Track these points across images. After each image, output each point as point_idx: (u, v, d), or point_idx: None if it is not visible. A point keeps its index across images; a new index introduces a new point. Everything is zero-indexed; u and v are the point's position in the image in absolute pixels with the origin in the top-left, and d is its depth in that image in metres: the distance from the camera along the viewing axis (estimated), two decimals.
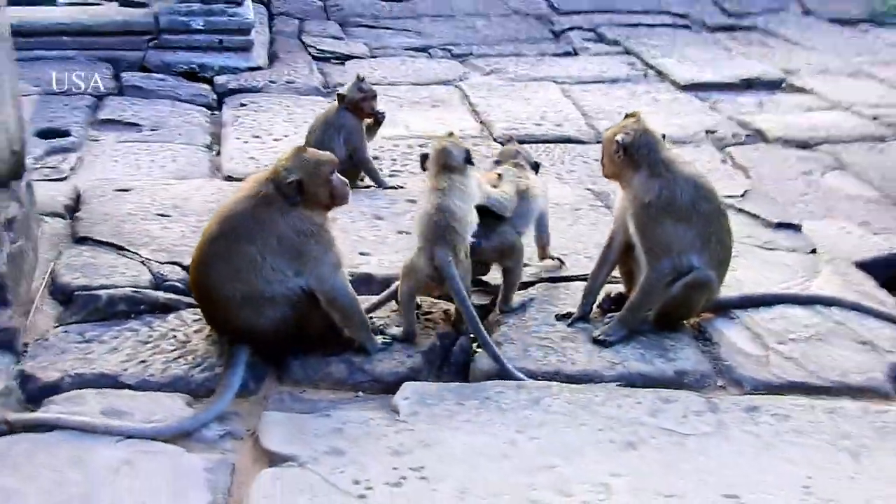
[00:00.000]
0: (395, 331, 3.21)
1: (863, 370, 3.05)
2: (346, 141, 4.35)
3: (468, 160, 3.24)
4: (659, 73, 7.03)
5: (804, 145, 5.49)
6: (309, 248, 2.96)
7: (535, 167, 3.63)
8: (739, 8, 9.16)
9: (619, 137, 3.11)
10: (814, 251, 3.82)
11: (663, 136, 3.22)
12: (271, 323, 2.98)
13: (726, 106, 6.25)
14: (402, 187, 4.55)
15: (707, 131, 5.72)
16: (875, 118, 5.94)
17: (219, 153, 5.19)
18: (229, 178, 4.68)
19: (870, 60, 7.39)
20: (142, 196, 4.27)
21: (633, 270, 3.22)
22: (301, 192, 2.96)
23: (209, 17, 6.83)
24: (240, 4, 6.98)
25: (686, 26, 8.56)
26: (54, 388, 2.91)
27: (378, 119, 4.55)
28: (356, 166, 4.42)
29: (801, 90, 6.62)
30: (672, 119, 5.92)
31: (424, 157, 3.30)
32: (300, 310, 2.99)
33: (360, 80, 4.47)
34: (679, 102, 6.32)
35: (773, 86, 6.74)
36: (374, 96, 4.47)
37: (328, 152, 3.19)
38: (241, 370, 2.95)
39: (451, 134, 3.36)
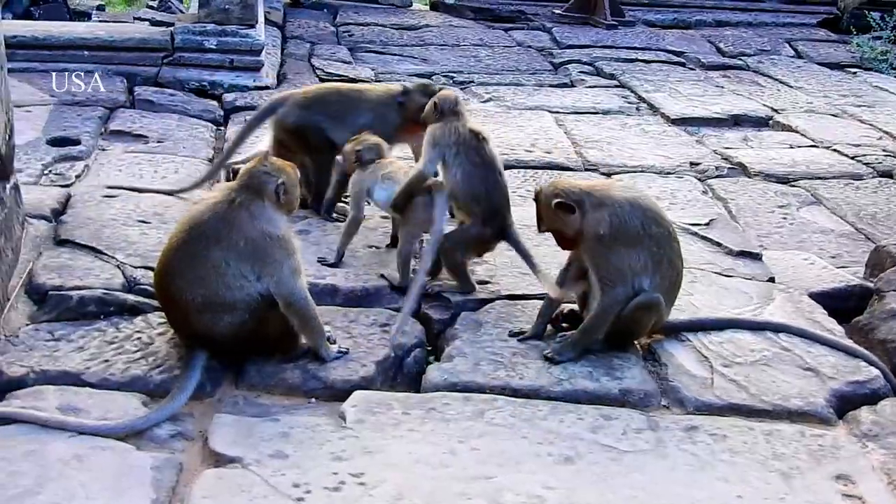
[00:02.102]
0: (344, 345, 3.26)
1: (803, 395, 3.06)
2: None
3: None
4: (651, 106, 7.10)
5: (783, 180, 5.54)
6: (273, 251, 3.03)
7: None
8: (734, 49, 9.29)
9: (556, 202, 3.18)
10: (771, 280, 3.85)
11: None
12: (229, 328, 3.02)
13: (713, 140, 6.31)
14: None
15: (691, 163, 5.79)
16: (854, 157, 5.99)
17: None
18: None
19: (854, 102, 7.44)
20: (126, 203, 4.35)
21: (588, 291, 3.27)
22: (285, 192, 3.08)
23: (222, 38, 7.06)
24: (252, 27, 7.19)
25: (682, 63, 8.67)
26: (19, 384, 2.96)
27: None
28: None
29: (786, 128, 6.67)
30: (658, 150, 6.00)
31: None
32: (258, 316, 3.03)
33: None
34: (667, 135, 6.38)
35: (760, 123, 6.81)
36: None
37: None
38: (197, 373, 3.00)
39: None
